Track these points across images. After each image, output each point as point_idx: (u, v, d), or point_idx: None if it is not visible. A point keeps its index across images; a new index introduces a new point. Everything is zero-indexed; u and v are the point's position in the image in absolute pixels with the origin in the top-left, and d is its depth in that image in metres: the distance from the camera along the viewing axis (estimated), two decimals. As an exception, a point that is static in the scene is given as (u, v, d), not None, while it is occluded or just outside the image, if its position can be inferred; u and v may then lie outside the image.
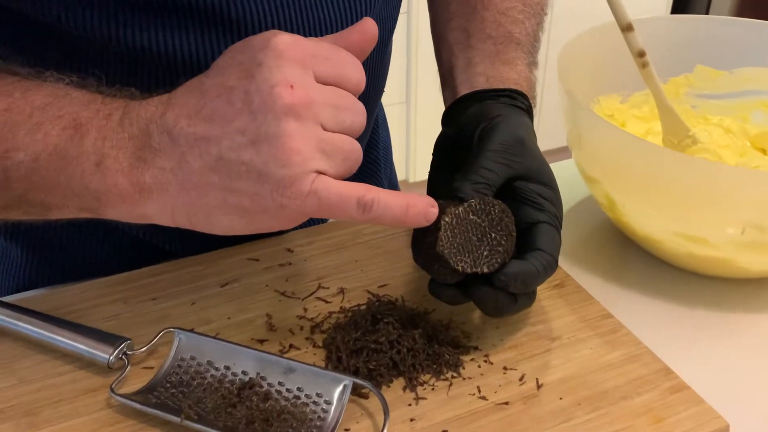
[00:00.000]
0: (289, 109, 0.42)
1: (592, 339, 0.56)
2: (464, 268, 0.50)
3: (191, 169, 0.44)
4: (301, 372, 0.50)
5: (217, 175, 0.44)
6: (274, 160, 0.43)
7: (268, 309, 0.58)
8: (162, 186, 0.45)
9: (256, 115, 0.43)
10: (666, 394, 0.52)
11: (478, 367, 0.53)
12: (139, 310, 0.58)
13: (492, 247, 0.51)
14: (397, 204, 0.45)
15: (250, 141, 0.43)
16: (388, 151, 0.82)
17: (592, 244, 0.68)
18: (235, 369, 0.51)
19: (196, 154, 0.44)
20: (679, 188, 0.56)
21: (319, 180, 0.44)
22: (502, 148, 0.53)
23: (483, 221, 0.50)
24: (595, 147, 0.61)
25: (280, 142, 0.43)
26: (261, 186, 0.43)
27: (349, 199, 0.44)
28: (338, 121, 0.45)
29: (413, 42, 1.98)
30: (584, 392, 0.52)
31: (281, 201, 0.44)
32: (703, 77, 0.76)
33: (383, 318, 0.53)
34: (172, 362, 0.52)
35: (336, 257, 0.63)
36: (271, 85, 0.42)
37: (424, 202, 0.47)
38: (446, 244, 0.49)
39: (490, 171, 0.52)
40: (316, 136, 0.43)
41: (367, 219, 0.45)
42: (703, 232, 0.57)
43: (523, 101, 0.57)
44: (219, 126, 0.43)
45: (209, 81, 0.44)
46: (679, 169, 0.55)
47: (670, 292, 0.63)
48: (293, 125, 0.43)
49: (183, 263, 0.62)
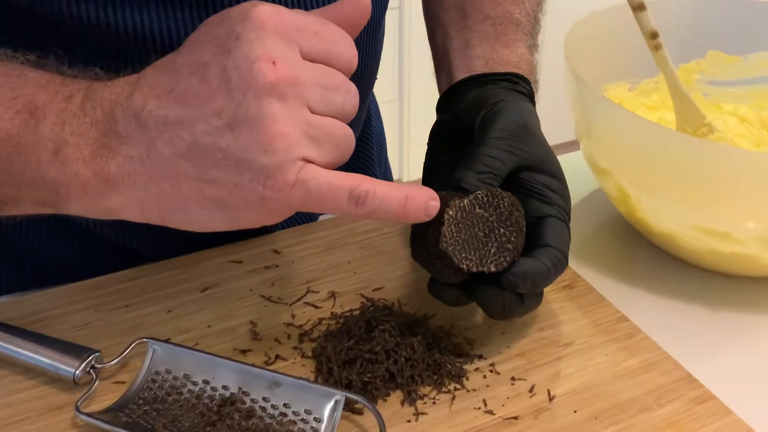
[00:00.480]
0: (271, 88, 0.38)
1: (606, 345, 0.52)
2: (470, 266, 0.45)
3: (162, 157, 0.40)
4: (288, 386, 0.46)
5: (190, 163, 0.40)
6: (255, 146, 0.38)
7: (252, 316, 0.54)
8: (129, 176, 0.41)
9: (234, 95, 0.38)
10: (691, 405, 0.48)
11: (483, 377, 0.49)
12: (110, 319, 0.54)
13: (500, 243, 0.46)
14: (395, 197, 0.41)
15: (228, 124, 0.39)
16: (382, 144, 0.77)
17: (600, 242, 0.64)
18: (215, 383, 0.47)
19: (167, 140, 0.40)
20: (703, 178, 0.51)
21: (307, 169, 0.40)
22: (507, 134, 0.49)
23: (491, 215, 0.46)
24: (607, 135, 0.57)
25: (262, 126, 0.38)
26: (240, 175, 0.39)
27: (340, 190, 0.40)
28: (327, 102, 0.40)
29: (406, 37, 1.96)
30: (600, 404, 0.48)
31: (264, 192, 0.39)
32: (716, 63, 0.72)
33: (378, 325, 0.50)
34: (146, 376, 0.48)
35: (327, 258, 0.59)
36: (250, 61, 0.38)
37: (425, 195, 0.43)
38: (450, 240, 0.45)
39: (495, 159, 0.48)
40: (302, 119, 0.39)
41: (361, 213, 0.41)
42: (727, 227, 0.53)
43: (525, 86, 0.54)
44: (192, 108, 0.39)
45: (182, 58, 0.40)
46: (703, 158, 0.51)
47: (688, 292, 0.59)
48: (276, 106, 0.38)
49: (159, 267, 0.58)
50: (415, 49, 1.98)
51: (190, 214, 0.41)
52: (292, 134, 0.39)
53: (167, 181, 0.40)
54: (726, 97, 0.72)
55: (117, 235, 0.60)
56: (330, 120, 0.40)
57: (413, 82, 2.05)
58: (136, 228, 0.58)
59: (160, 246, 0.60)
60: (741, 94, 0.72)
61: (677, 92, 0.62)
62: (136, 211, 0.42)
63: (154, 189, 0.40)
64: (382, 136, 0.78)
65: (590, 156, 0.60)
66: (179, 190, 0.40)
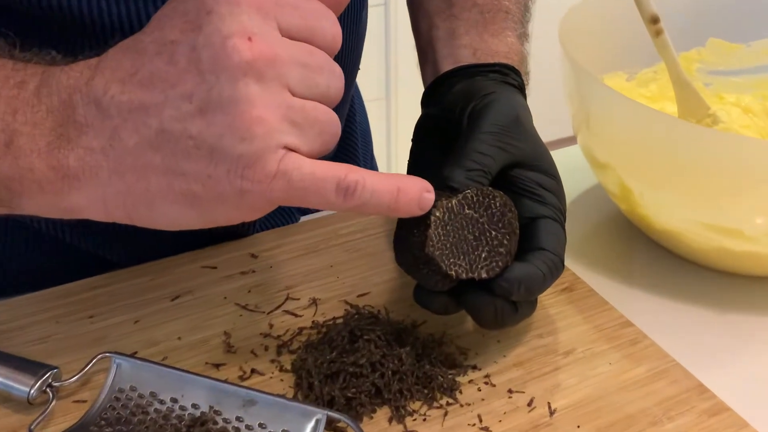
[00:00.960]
0: (247, 67, 0.34)
1: (610, 352, 0.49)
2: (458, 272, 0.42)
3: (126, 148, 0.36)
4: (265, 404, 0.42)
5: (158, 153, 0.36)
6: (231, 133, 0.35)
7: (226, 326, 0.50)
8: (91, 170, 0.37)
9: (206, 76, 0.35)
10: (703, 418, 0.44)
11: (477, 390, 0.46)
12: (72, 331, 0.50)
13: (492, 247, 0.43)
14: (386, 188, 0.38)
15: (199, 109, 0.35)
16: (368, 138, 0.74)
17: (599, 241, 0.61)
18: (185, 401, 0.43)
19: (132, 129, 0.36)
20: (711, 171, 0.48)
21: (289, 158, 0.36)
22: (498, 129, 0.46)
23: (481, 216, 0.42)
24: (607, 126, 0.53)
25: (238, 110, 0.35)
26: (215, 166, 0.35)
27: (326, 181, 0.36)
28: (310, 84, 0.37)
29: (392, 34, 1.93)
30: (606, 418, 0.44)
31: (241, 185, 0.36)
32: (717, 51, 0.69)
33: (363, 334, 0.46)
34: (109, 394, 0.44)
35: (307, 263, 0.55)
36: (223, 37, 0.34)
37: (419, 186, 0.39)
38: (437, 243, 0.41)
39: (485, 155, 0.44)
40: (282, 102, 0.36)
41: (349, 206, 0.37)
42: (737, 223, 0.50)
43: (516, 78, 0.51)
44: (159, 91, 0.35)
45: (147, 37, 0.36)
46: (712, 148, 0.47)
47: (693, 293, 0.55)
48: (254, 88, 0.35)
49: (126, 274, 0.54)
50: (402, 46, 1.95)
51: (159, 211, 0.37)
52: (272, 119, 0.35)
53: (133, 175, 0.36)
54: (728, 87, 0.69)
55: (80, 239, 0.56)
56: (313, 104, 0.37)
57: (400, 80, 2.02)
58: (100, 231, 0.55)
59: (128, 251, 0.56)
60: (744, 83, 0.69)
61: (679, 81, 0.59)
62: (100, 210, 0.38)
63: (119, 184, 0.37)
64: (368, 131, 0.74)
65: (588, 150, 0.57)
66: (147, 184, 0.36)
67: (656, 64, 0.67)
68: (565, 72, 0.57)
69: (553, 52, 0.67)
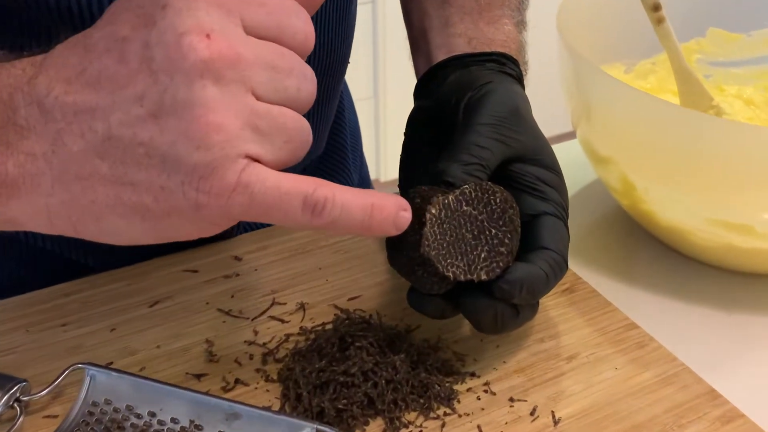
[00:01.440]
0: (204, 67, 0.31)
1: (615, 357, 0.46)
2: (456, 274, 0.39)
3: (71, 154, 0.33)
4: (249, 417, 0.40)
5: (105, 162, 0.33)
6: (186, 140, 0.32)
7: (208, 333, 0.47)
8: (32, 178, 0.34)
9: (159, 77, 0.32)
10: (716, 425, 0.42)
11: (477, 399, 0.43)
12: (43, 340, 0.47)
13: (492, 247, 0.40)
14: (358, 205, 0.35)
15: (151, 113, 0.32)
16: (357, 136, 0.71)
17: (599, 240, 0.58)
18: (163, 415, 0.41)
19: (77, 133, 0.33)
20: (721, 163, 0.46)
21: (251, 169, 0.33)
22: (496, 121, 0.44)
23: (480, 213, 0.40)
24: (609, 118, 0.51)
25: (194, 114, 0.32)
26: (168, 176, 0.32)
27: (291, 196, 0.33)
28: (278, 87, 0.33)
29: (380, 31, 1.90)
30: (613, 427, 0.42)
31: (197, 198, 0.33)
32: (717, 42, 0.67)
33: (354, 341, 0.44)
34: (82, 408, 0.41)
35: (294, 265, 0.53)
36: (179, 34, 0.31)
37: (394, 204, 0.36)
38: (433, 243, 0.38)
39: (483, 148, 0.42)
40: (245, 107, 0.32)
41: (317, 225, 0.34)
42: (747, 218, 0.47)
43: (513, 67, 0.49)
44: (107, 93, 0.32)
45: (98, 33, 0.33)
46: (721, 139, 0.45)
47: (700, 294, 0.53)
48: (212, 91, 0.32)
49: (102, 279, 0.51)
50: (390, 44, 1.93)
51: (107, 224, 0.34)
52: (232, 125, 0.32)
53: (78, 184, 0.33)
54: (729, 78, 0.67)
55: (52, 243, 0.53)
56: (279, 109, 0.34)
57: (388, 79, 2.00)
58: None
59: (104, 255, 0.53)
60: (745, 74, 0.67)
61: (682, 71, 0.56)
62: (43, 222, 0.35)
63: (63, 194, 0.34)
64: (357, 128, 0.71)
65: (588, 143, 0.54)
66: (93, 194, 0.33)
67: (655, 55, 0.65)
68: (562, 63, 0.54)
69: (548, 45, 0.65)
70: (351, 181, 0.67)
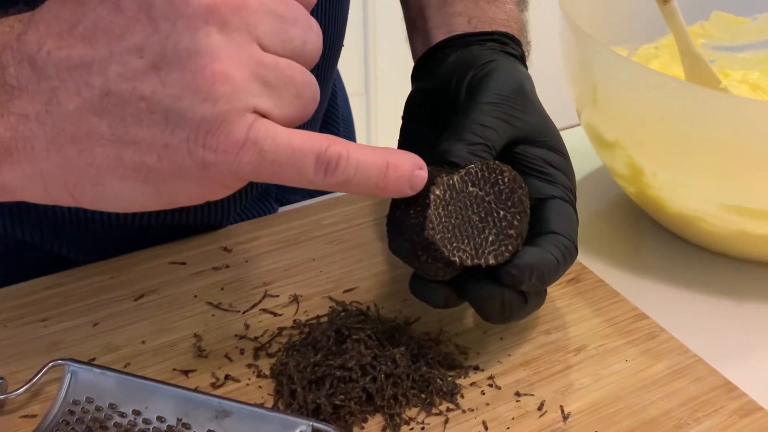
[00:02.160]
0: (208, 13, 0.30)
1: (625, 348, 0.44)
2: (463, 259, 0.37)
3: (66, 114, 0.31)
4: (240, 415, 0.38)
5: (104, 120, 0.31)
6: (190, 92, 0.30)
7: (196, 328, 0.45)
8: (25, 141, 0.31)
9: (159, 25, 0.30)
10: (734, 419, 0.40)
11: (481, 393, 0.41)
12: (22, 336, 0.44)
13: (500, 229, 0.38)
14: (374, 162, 0.33)
15: (152, 64, 0.30)
16: (350, 126, 0.69)
17: (603, 229, 0.56)
18: (149, 414, 0.38)
19: (72, 90, 0.31)
20: (737, 144, 0.44)
21: (261, 124, 0.31)
22: (501, 99, 0.42)
23: (487, 194, 0.38)
24: (617, 99, 0.49)
25: (198, 64, 0.30)
26: (171, 133, 0.30)
27: (303, 153, 0.31)
28: (284, 38, 0.32)
29: (371, 24, 1.88)
30: (626, 422, 0.40)
31: (204, 155, 0.31)
32: (722, 26, 0.65)
33: (351, 334, 0.41)
34: (62, 407, 0.39)
35: (287, 256, 0.50)
36: None
37: (410, 162, 0.35)
38: (438, 226, 0.36)
39: (488, 128, 0.40)
40: (251, 57, 0.31)
41: (331, 183, 0.33)
42: (764, 203, 0.45)
43: (516, 47, 0.47)
44: (104, 45, 0.30)
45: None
46: (740, 118, 0.42)
47: (710, 283, 0.51)
48: (216, 39, 0.30)
49: (84, 271, 0.49)
50: (381, 37, 1.91)
51: (107, 188, 0.32)
52: (239, 76, 0.30)
53: (75, 146, 0.31)
54: (734, 63, 0.65)
55: (32, 234, 0.51)
56: (287, 61, 0.32)
57: (380, 75, 1.98)
58: (56, 225, 0.49)
59: (87, 247, 0.51)
60: (750, 59, 0.65)
61: (689, 53, 0.54)
62: (39, 189, 0.33)
63: (59, 157, 0.31)
64: (349, 117, 0.69)
65: (594, 128, 0.52)
66: (91, 157, 0.31)
67: (657, 39, 0.63)
68: (566, 46, 0.52)
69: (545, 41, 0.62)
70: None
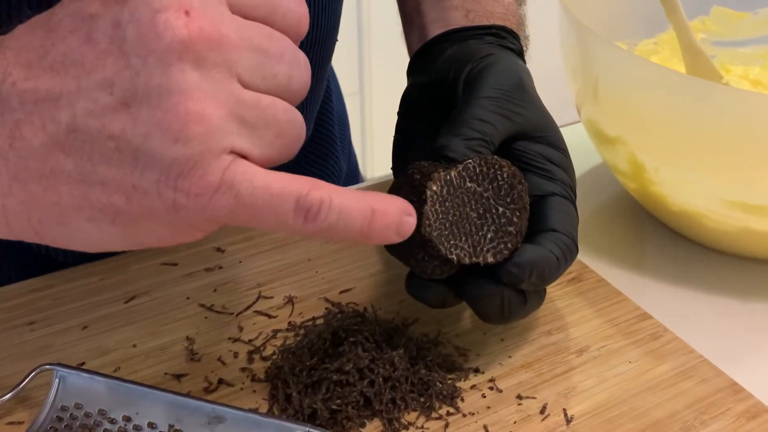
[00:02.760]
0: (183, 49, 0.28)
1: (629, 349, 0.43)
2: (461, 256, 0.36)
3: (30, 149, 0.29)
4: (234, 421, 0.37)
5: (70, 157, 0.29)
6: (162, 132, 0.28)
7: (188, 331, 0.44)
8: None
9: (131, 59, 0.28)
10: (741, 421, 0.39)
11: (482, 397, 0.40)
12: (8, 340, 0.43)
13: (499, 226, 0.37)
14: (357, 209, 0.31)
15: (122, 101, 0.28)
16: (345, 123, 0.68)
17: (603, 227, 0.56)
18: (139, 420, 0.37)
19: (38, 124, 0.29)
20: (742, 138, 0.43)
21: (237, 166, 0.29)
22: (499, 94, 0.41)
23: (486, 190, 0.37)
24: (619, 94, 0.48)
25: (170, 102, 0.28)
26: (141, 174, 0.29)
27: (282, 198, 0.30)
28: (267, 74, 0.30)
29: (365, 23, 1.87)
30: (631, 425, 0.39)
31: (175, 199, 0.29)
32: (722, 20, 0.64)
33: (348, 336, 0.40)
34: (50, 414, 0.38)
35: (281, 257, 0.49)
36: (154, 10, 0.28)
37: (397, 207, 0.32)
38: (435, 223, 0.35)
39: (487, 123, 0.39)
40: (230, 95, 0.29)
41: (311, 230, 0.31)
42: (767, 198, 0.44)
43: (514, 41, 0.46)
44: (72, 78, 0.29)
45: (63, 11, 0.30)
46: (745, 112, 0.42)
47: (713, 282, 0.50)
48: (191, 76, 0.28)
49: (73, 273, 0.48)
50: (375, 35, 1.90)
51: (73, 228, 0.30)
52: (215, 115, 0.28)
53: (39, 184, 0.29)
54: (735, 58, 0.64)
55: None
56: (270, 99, 0.30)
57: (374, 73, 1.97)
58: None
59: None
60: (751, 54, 0.64)
61: (690, 47, 0.53)
62: (1, 226, 0.31)
63: (22, 194, 0.30)
64: (344, 115, 0.68)
65: (594, 124, 0.51)
66: (56, 195, 0.30)
67: (657, 35, 0.62)
68: (566, 41, 0.51)
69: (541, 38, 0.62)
70: (339, 169, 0.64)
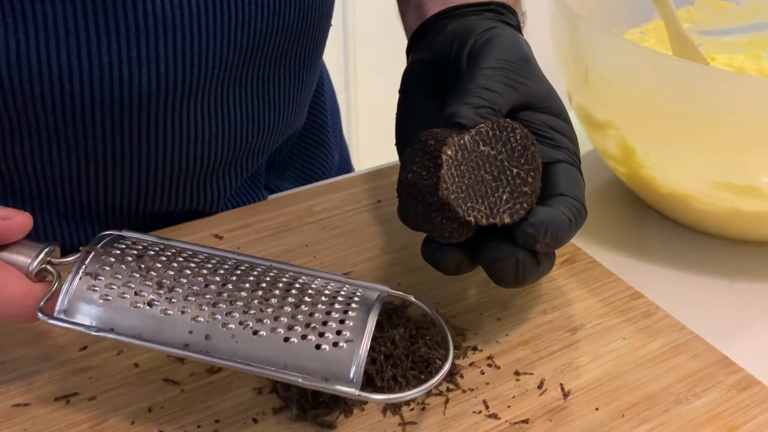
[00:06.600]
0: None
1: (622, 326, 0.44)
2: (478, 218, 0.36)
3: None
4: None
5: None
6: None
7: (190, 314, 0.43)
8: None
9: None
10: (732, 393, 0.40)
11: (481, 373, 0.41)
12: (11, 327, 0.42)
13: (514, 187, 0.38)
14: None
15: None
16: (336, 113, 0.68)
17: (595, 212, 0.56)
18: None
19: None
20: (730, 120, 0.43)
21: None
22: (505, 65, 0.41)
23: (499, 153, 0.37)
24: (609, 78, 0.48)
25: None
26: None
27: None
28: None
29: (350, 18, 1.87)
30: (626, 398, 0.40)
31: None
32: (707, 9, 0.65)
33: (349, 315, 0.39)
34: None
35: (279, 242, 0.49)
36: None
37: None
38: (451, 186, 0.36)
39: (493, 92, 0.40)
40: None
41: None
42: (754, 179, 0.45)
43: (512, 17, 0.46)
44: None
45: None
46: (733, 94, 0.42)
47: (701, 263, 0.51)
48: None
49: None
50: (361, 31, 1.90)
51: None
52: None
53: None
54: (719, 47, 0.65)
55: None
56: None
57: (359, 69, 1.96)
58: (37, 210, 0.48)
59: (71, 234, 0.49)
60: (736, 43, 0.65)
61: (678, 36, 0.54)
62: None
63: None
64: (335, 103, 0.68)
65: (585, 110, 0.52)
66: None
67: (643, 24, 0.63)
68: (557, 27, 0.52)
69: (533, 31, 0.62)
70: (332, 159, 0.64)
